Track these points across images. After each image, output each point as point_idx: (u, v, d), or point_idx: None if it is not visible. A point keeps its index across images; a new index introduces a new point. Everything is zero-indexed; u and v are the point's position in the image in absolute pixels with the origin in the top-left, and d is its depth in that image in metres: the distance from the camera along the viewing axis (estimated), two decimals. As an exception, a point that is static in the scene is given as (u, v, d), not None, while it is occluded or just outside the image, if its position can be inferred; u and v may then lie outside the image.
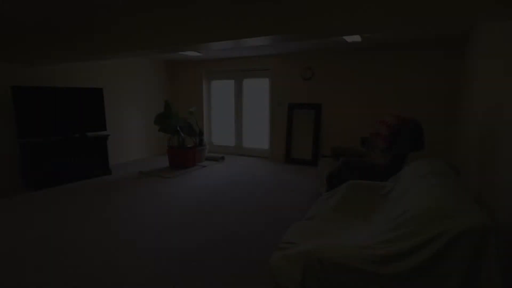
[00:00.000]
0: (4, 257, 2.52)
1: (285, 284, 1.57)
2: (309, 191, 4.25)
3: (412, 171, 2.32)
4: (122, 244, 2.75)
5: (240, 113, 6.83)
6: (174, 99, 7.43)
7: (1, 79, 4.36)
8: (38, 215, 3.42)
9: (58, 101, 4.66)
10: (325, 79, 5.70)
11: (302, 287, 1.50)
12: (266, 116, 6.51)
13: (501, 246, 1.94)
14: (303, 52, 5.78)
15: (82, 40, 3.70)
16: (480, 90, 3.17)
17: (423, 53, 4.85)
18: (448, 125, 4.81)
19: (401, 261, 1.39)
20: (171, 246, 2.70)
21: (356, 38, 4.24)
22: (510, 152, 2.04)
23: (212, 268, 2.35)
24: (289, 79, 6.02)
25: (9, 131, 4.46)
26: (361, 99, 5.44)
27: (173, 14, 3.01)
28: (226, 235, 2.91)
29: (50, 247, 2.70)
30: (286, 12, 2.48)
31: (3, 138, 4.43)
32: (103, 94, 5.36)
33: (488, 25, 3.09)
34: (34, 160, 4.28)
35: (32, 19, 3.41)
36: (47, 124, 4.55)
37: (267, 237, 2.89)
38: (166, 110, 5.81)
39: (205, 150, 6.28)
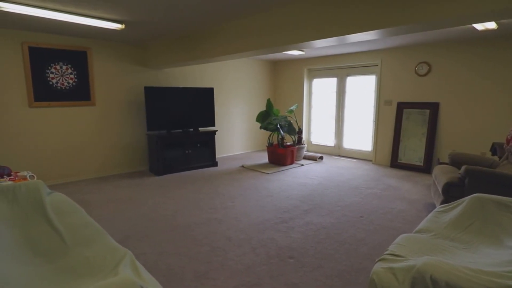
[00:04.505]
0: (138, 232, 3.04)
1: (388, 299, 1.43)
2: (419, 201, 3.79)
3: None
4: (223, 230, 2.98)
5: (341, 112, 6.57)
6: (276, 97, 7.66)
7: (138, 81, 5.28)
8: (160, 198, 4.01)
9: (177, 99, 5.36)
10: (445, 74, 4.97)
11: (410, 306, 1.35)
12: (370, 116, 6.09)
13: None
14: (418, 45, 5.16)
15: (199, 44, 4.15)
16: None
17: None
18: None
19: (551, 301, 1.10)
20: (269, 239, 2.79)
21: (491, 25, 3.55)
22: None
23: (307, 268, 2.33)
24: (400, 75, 5.47)
25: (143, 125, 5.37)
26: (491, 98, 4.55)
27: (279, 14, 3.08)
28: (322, 237, 2.85)
29: (169, 224, 3.13)
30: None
31: (139, 130, 5.36)
32: (214, 93, 5.91)
33: None
34: (157, 150, 5.02)
35: (160, 28, 3.98)
36: (168, 119, 5.28)
37: (367, 245, 2.70)
38: (268, 108, 6.04)
39: (304, 149, 6.27)
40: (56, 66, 4.44)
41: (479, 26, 3.59)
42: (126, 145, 5.28)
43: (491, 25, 3.55)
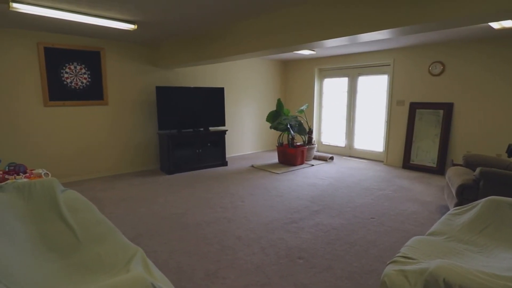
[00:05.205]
0: (149, 230, 3.08)
1: (400, 302, 1.41)
2: (431, 203, 3.72)
3: None
4: (233, 229, 2.98)
5: (352, 113, 6.51)
6: (286, 97, 7.63)
7: (149, 80, 5.34)
8: (170, 196, 4.05)
9: (188, 98, 5.40)
10: (459, 74, 4.87)
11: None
12: (382, 117, 6.01)
13: None
14: (432, 44, 5.07)
15: (210, 44, 4.17)
16: None
17: None
18: None
19: None
20: (278, 239, 2.78)
21: (508, 23, 3.46)
22: None
23: (317, 269, 2.32)
24: (413, 75, 5.38)
25: (154, 124, 5.43)
26: (507, 98, 4.43)
27: (290, 14, 3.07)
28: (332, 238, 2.82)
29: (179, 223, 3.15)
30: (416, -1, 2.21)
31: (150, 130, 5.43)
32: (224, 93, 5.92)
33: None
34: (168, 149, 5.07)
35: (172, 28, 4.02)
36: (179, 118, 5.32)
37: (378, 247, 2.66)
38: (278, 108, 6.02)
39: (314, 149, 6.23)
40: (70, 66, 4.52)
41: (496, 25, 3.50)
42: (138, 144, 5.35)
43: (509, 23, 3.46)
